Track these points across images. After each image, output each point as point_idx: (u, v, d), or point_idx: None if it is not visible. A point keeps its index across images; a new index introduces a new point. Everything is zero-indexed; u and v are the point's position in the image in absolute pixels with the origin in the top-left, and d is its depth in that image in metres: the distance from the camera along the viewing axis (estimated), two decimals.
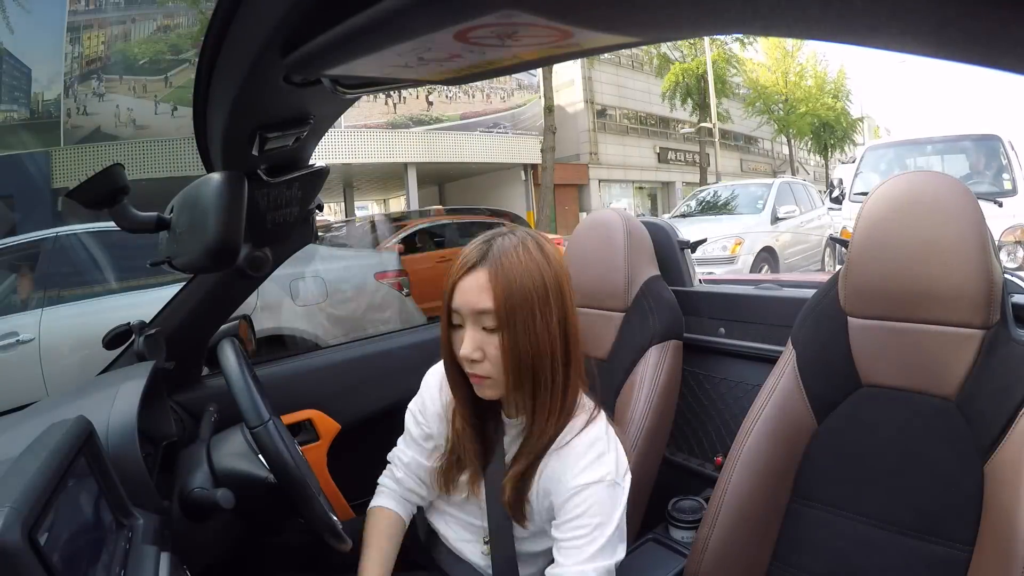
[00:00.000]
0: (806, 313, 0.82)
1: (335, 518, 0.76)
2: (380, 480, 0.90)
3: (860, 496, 0.75)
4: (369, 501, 1.09)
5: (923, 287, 0.70)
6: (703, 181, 15.28)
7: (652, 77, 16.60)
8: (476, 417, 0.79)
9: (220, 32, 0.43)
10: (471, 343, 0.69)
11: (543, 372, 0.70)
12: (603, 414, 0.78)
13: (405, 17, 0.29)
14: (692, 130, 16.41)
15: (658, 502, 0.99)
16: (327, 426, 1.14)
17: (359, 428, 1.17)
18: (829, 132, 20.00)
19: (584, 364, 0.77)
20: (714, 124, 15.07)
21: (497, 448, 0.79)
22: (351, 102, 0.63)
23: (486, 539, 0.81)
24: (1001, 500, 0.63)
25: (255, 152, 0.64)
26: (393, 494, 0.88)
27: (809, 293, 0.89)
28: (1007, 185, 3.55)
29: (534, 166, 12.91)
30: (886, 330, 0.74)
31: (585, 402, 0.77)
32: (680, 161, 17.80)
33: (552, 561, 0.74)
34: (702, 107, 16.01)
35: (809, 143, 21.08)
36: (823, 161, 21.42)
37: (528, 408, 0.73)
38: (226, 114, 0.55)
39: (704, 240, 1.52)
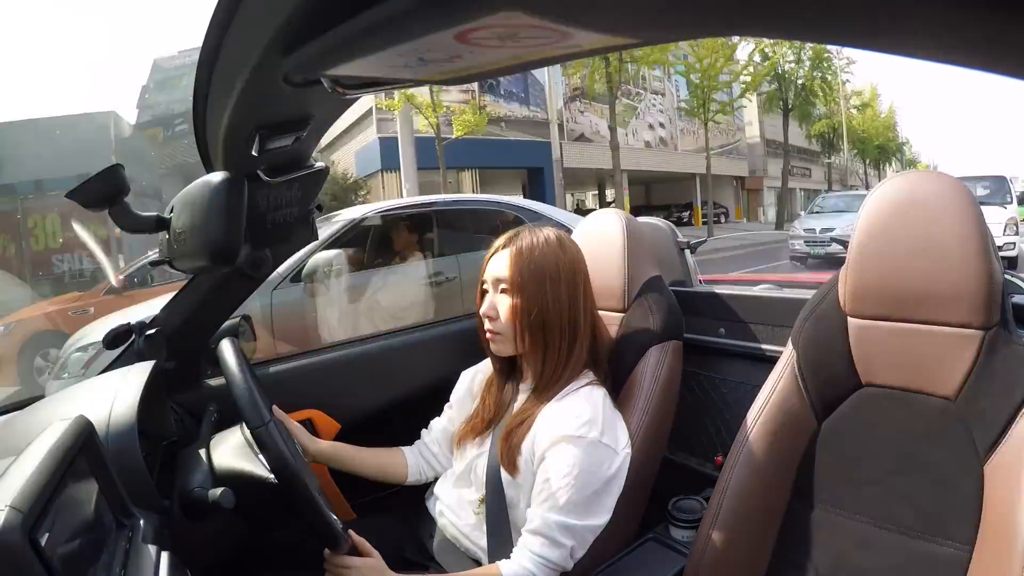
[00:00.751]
0: (806, 313, 0.82)
1: (335, 518, 0.76)
2: None
3: (860, 496, 0.75)
4: (370, 501, 1.10)
5: (923, 287, 0.70)
6: (830, 188, 24.92)
7: (799, 123, 24.22)
8: (501, 376, 0.94)
9: (220, 32, 0.43)
10: (487, 303, 0.87)
11: (550, 335, 0.85)
12: (604, 389, 0.87)
13: (406, 19, 0.29)
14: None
15: (658, 502, 0.99)
16: (327, 426, 1.14)
17: (359, 428, 1.17)
18: (885, 155, 31.11)
19: (600, 355, 0.91)
20: (842, 155, 26.51)
21: (508, 410, 0.91)
22: (351, 102, 0.63)
23: (481, 499, 0.88)
24: (1001, 500, 0.63)
25: (255, 152, 0.64)
26: (412, 448, 1.06)
27: (809, 293, 0.89)
28: (1008, 199, 7.38)
29: (741, 178, 23.55)
30: (886, 330, 0.74)
31: (590, 375, 0.89)
32: (797, 175, 26.20)
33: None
34: (831, 145, 26.15)
35: (867, 160, 31.19)
36: (875, 173, 31.82)
37: (537, 368, 0.87)
38: (226, 114, 0.55)
39: (705, 240, 1.52)
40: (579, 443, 0.79)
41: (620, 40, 0.28)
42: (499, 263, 0.87)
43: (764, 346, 1.10)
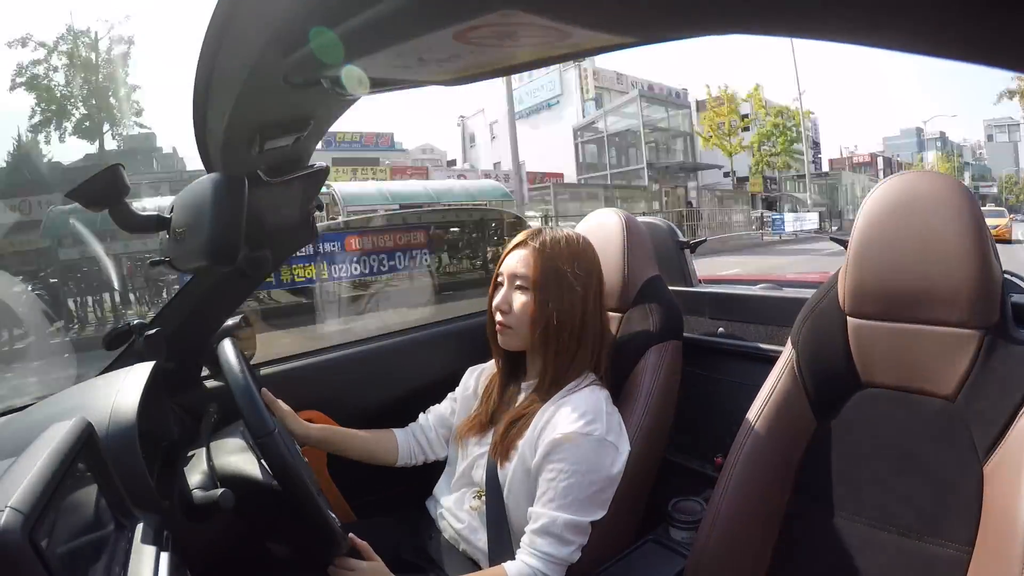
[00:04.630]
0: (806, 313, 0.82)
1: (335, 520, 0.76)
2: None
3: (860, 496, 0.75)
4: (369, 502, 1.09)
5: (922, 287, 0.70)
6: None
7: None
8: (504, 372, 0.95)
9: (220, 32, 0.43)
10: (502, 296, 0.89)
11: (560, 335, 0.86)
12: (606, 391, 0.90)
13: (405, 17, 0.29)
14: None
15: (658, 502, 0.99)
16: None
17: (359, 428, 1.17)
18: None
19: (604, 357, 0.92)
20: None
21: (510, 407, 0.92)
22: (351, 102, 0.63)
23: (480, 493, 0.90)
24: (1000, 500, 0.63)
25: (255, 152, 0.64)
26: (406, 430, 1.06)
27: (809, 293, 0.89)
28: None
29: None
30: (886, 330, 0.74)
31: (592, 376, 0.89)
32: None
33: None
34: None
35: None
36: None
37: (541, 364, 0.88)
38: (226, 114, 0.55)
39: (705, 240, 1.52)
40: (584, 440, 0.80)
41: (619, 39, 0.28)
42: (519, 259, 0.88)
43: (764, 346, 1.10)
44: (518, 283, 0.87)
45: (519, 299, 0.87)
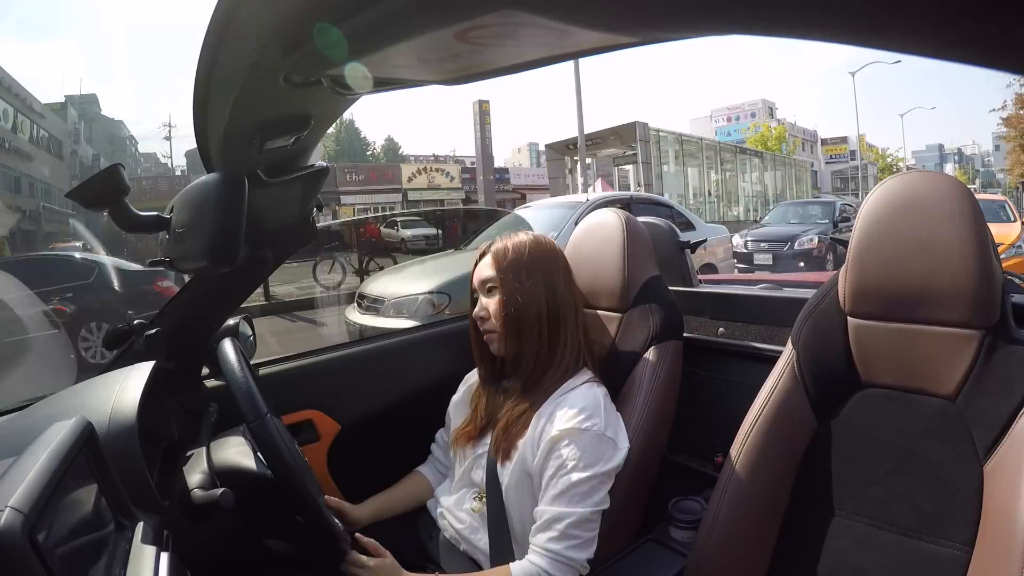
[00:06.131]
0: (806, 313, 0.82)
1: (334, 517, 0.76)
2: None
3: (860, 496, 0.75)
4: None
5: (923, 287, 0.70)
6: None
7: None
8: (490, 377, 0.98)
9: (220, 31, 0.43)
10: (479, 305, 0.93)
11: (531, 325, 0.89)
12: (603, 388, 0.90)
13: (405, 17, 0.29)
14: None
15: (658, 502, 0.99)
16: (327, 426, 1.14)
17: (359, 428, 1.17)
18: None
19: (592, 352, 0.94)
20: None
21: (503, 408, 0.93)
22: (351, 102, 0.63)
23: (481, 495, 0.91)
24: (1000, 500, 0.63)
25: (255, 152, 0.64)
26: (428, 464, 1.10)
27: (809, 293, 0.89)
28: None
29: None
30: (886, 330, 0.74)
31: (588, 374, 0.91)
32: None
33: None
34: None
35: None
36: None
37: (522, 361, 0.90)
38: (226, 114, 0.55)
39: (705, 241, 1.52)
40: (584, 435, 0.81)
41: (619, 39, 0.28)
42: (482, 267, 0.93)
43: (764, 346, 1.10)
44: (488, 287, 0.92)
45: (492, 302, 0.91)
